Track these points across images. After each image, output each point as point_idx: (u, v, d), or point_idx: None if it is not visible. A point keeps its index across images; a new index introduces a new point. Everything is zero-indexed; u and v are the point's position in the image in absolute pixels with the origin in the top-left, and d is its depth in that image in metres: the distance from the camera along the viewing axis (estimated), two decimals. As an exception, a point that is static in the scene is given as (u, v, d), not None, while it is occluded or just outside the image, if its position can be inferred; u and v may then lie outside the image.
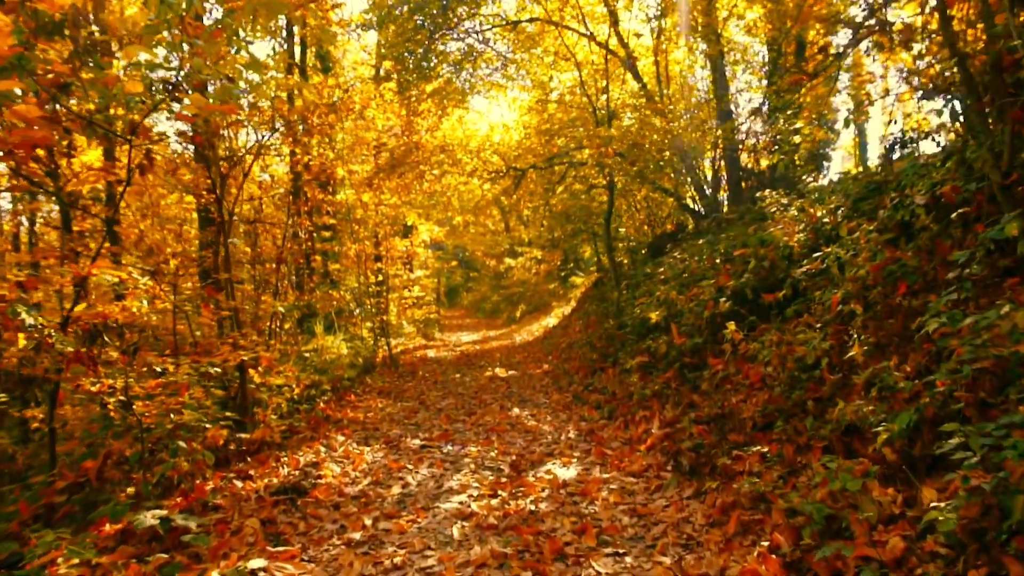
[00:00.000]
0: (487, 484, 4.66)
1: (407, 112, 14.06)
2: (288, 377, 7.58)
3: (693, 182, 13.40)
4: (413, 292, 19.23)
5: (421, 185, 15.49)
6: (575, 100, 14.01)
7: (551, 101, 15.20)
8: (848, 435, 3.59)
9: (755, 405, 4.37)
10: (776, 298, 5.10)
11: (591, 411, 6.91)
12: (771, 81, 12.26)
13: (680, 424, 4.98)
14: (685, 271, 7.44)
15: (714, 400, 5.00)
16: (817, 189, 7.24)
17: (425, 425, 6.97)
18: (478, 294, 33.21)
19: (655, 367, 6.48)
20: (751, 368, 4.88)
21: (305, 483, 4.59)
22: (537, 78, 16.87)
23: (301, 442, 5.95)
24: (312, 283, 13.08)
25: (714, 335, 5.68)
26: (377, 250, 17.48)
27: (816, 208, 5.59)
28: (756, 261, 5.42)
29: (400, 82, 14.69)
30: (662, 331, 6.86)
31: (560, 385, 9.05)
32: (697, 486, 4.10)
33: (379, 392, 9.22)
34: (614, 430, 5.88)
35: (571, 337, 13.13)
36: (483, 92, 18.75)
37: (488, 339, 19.06)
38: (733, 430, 4.39)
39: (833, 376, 3.96)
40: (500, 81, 17.56)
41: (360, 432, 6.56)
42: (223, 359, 4.92)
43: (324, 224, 14.78)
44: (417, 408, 8.04)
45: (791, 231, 5.61)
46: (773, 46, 12.38)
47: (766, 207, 9.21)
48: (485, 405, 8.09)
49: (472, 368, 12.02)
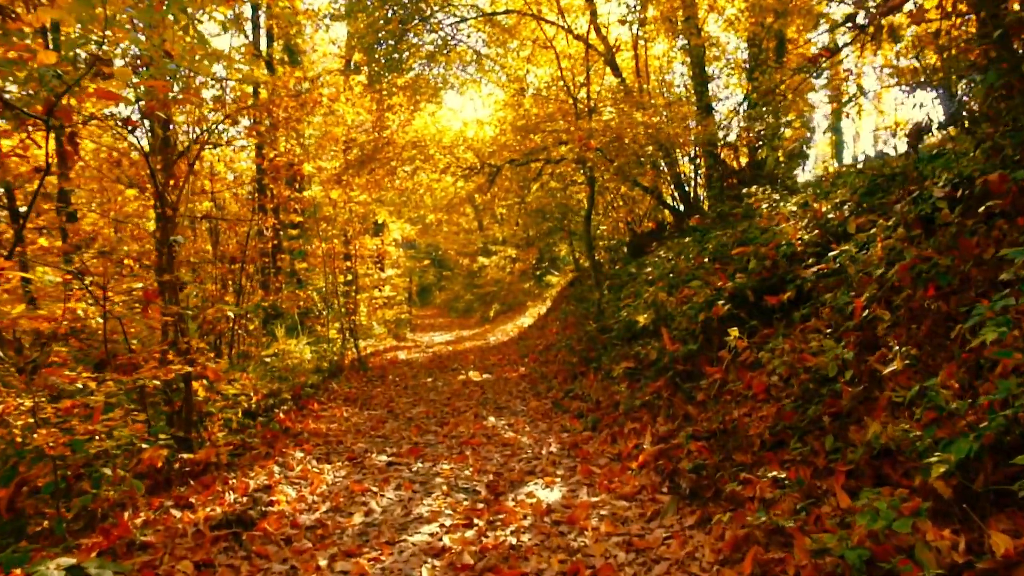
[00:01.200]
0: (461, 510, 4.13)
1: (378, 107, 13.45)
2: (245, 386, 6.98)
3: (673, 179, 13.02)
4: (384, 292, 18.63)
5: (393, 182, 14.89)
6: (553, 93, 13.52)
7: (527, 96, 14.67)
8: (877, 459, 3.14)
9: (763, 421, 3.91)
10: (780, 301, 4.65)
11: (573, 421, 6.41)
12: (751, 77, 11.94)
13: (676, 439, 4.50)
14: (672, 271, 6.99)
15: (713, 413, 4.53)
16: (814, 184, 6.84)
17: (393, 437, 6.40)
18: (451, 293, 32.62)
19: (642, 374, 6.01)
20: (754, 378, 4.42)
21: (253, 512, 4.00)
22: (513, 72, 16.37)
23: (254, 460, 5.35)
24: (278, 283, 12.42)
25: (709, 340, 5.21)
26: (347, 248, 16.85)
27: (821, 203, 5.16)
28: (757, 260, 4.96)
29: (370, 75, 14.08)
30: (650, 335, 6.39)
31: (538, 391, 8.54)
32: (701, 513, 3.62)
33: (345, 399, 8.62)
34: (600, 444, 5.38)
35: (548, 339, 12.64)
36: (456, 87, 18.23)
37: (461, 339, 18.50)
38: (738, 448, 3.92)
39: (853, 389, 3.50)
40: (474, 75, 17.07)
41: (321, 447, 5.97)
42: (156, 372, 4.31)
43: (291, 222, 14.15)
44: (385, 417, 7.47)
45: (793, 228, 5.16)
46: (754, 41, 12.08)
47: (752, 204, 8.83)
48: (459, 413, 7.55)
49: (445, 371, 11.47)
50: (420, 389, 9.56)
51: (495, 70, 16.75)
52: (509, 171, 14.88)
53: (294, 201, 13.03)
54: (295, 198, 12.77)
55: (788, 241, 4.98)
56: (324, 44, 19.24)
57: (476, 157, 14.08)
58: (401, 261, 21.61)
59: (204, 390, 4.79)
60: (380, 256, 19.24)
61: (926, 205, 4.08)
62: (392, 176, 14.56)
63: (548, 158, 13.42)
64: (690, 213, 12.56)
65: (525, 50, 15.56)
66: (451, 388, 9.46)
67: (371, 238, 18.89)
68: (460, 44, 15.30)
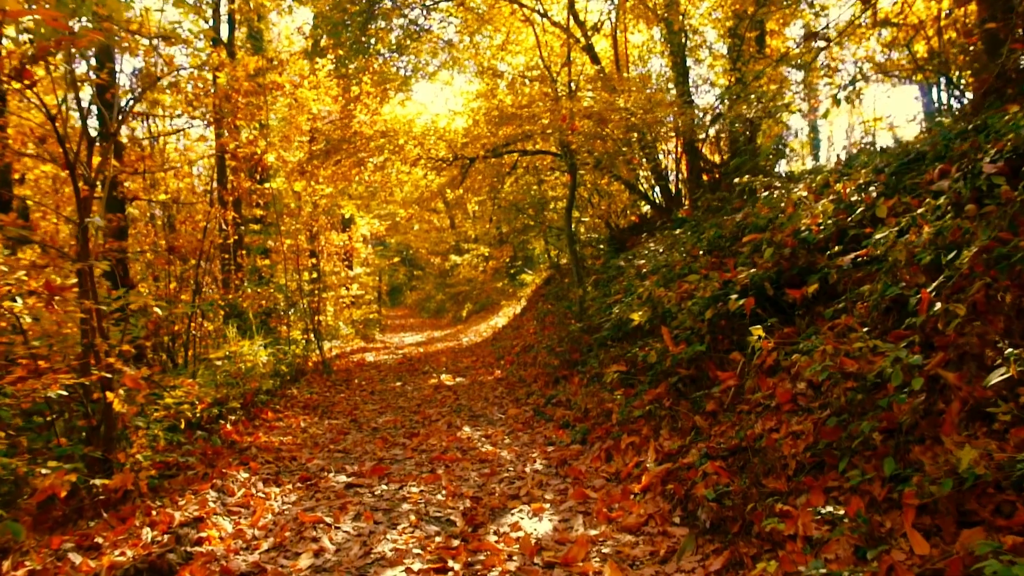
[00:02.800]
0: (433, 548, 3.40)
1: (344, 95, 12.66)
2: (189, 393, 6.17)
3: (653, 173, 12.45)
4: (352, 290, 17.79)
5: (361, 175, 14.09)
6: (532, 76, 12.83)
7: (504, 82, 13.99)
8: (955, 488, 2.49)
9: (798, 438, 3.24)
10: (804, 294, 4.00)
11: (558, 432, 5.72)
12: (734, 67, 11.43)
13: (686, 458, 3.82)
14: (665, 264, 6.33)
15: (729, 427, 3.87)
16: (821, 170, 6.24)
17: (355, 452, 5.64)
18: (422, 293, 31.81)
19: (637, 379, 5.33)
20: (777, 385, 3.77)
21: (174, 556, 3.22)
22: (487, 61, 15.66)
23: (189, 483, 4.55)
24: (238, 280, 11.54)
25: (717, 340, 4.55)
26: (312, 245, 16.03)
27: (844, 184, 4.53)
28: (774, 248, 4.32)
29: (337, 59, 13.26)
30: (645, 335, 5.72)
31: (517, 396, 7.83)
32: (729, 554, 2.94)
33: (304, 406, 7.82)
34: (593, 460, 4.69)
35: (525, 339, 11.95)
36: (427, 75, 17.48)
37: (433, 340, 17.72)
38: (769, 472, 3.26)
39: (913, 400, 2.86)
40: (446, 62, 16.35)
41: (271, 464, 5.19)
42: (55, 380, 3.50)
43: (253, 216, 13.29)
44: (347, 428, 6.70)
45: (813, 212, 4.53)
46: (736, 31, 11.60)
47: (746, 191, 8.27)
48: (430, 423, 6.81)
49: (415, 375, 10.70)
50: (388, 395, 8.79)
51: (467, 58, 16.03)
52: (482, 165, 14.18)
53: (256, 194, 12.20)
54: (256, 190, 11.94)
55: (807, 227, 4.34)
56: (289, 31, 18.37)
57: (448, 149, 13.30)
58: (370, 259, 20.74)
59: (121, 402, 3.98)
60: (348, 253, 18.39)
61: (980, 181, 3.47)
62: (360, 168, 13.74)
63: (524, 149, 12.74)
64: (671, 207, 12.03)
65: (500, 35, 14.87)
66: (422, 393, 8.71)
67: (338, 234, 18.02)
68: (431, 30, 14.56)
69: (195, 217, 10.73)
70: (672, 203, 12.33)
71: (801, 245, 4.32)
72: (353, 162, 13.29)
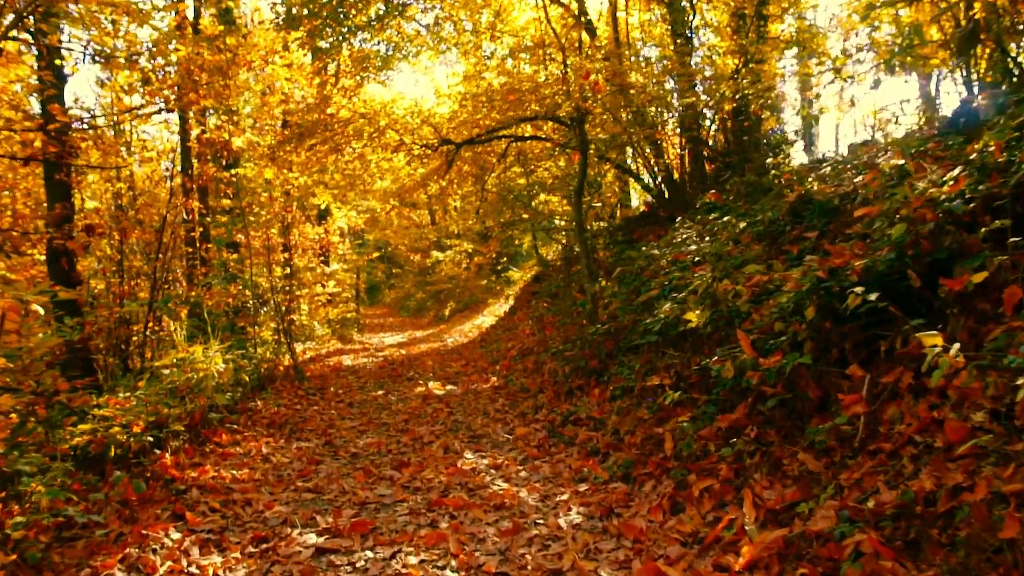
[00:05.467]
0: None
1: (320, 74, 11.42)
2: (118, 415, 4.90)
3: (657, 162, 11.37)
4: (328, 287, 16.46)
5: (339, 162, 12.82)
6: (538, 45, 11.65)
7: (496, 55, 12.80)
8: None
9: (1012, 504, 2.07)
10: (964, 285, 2.84)
11: (587, 461, 4.50)
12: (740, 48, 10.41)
13: (811, 521, 2.64)
14: (714, 253, 5.16)
15: (869, 475, 2.69)
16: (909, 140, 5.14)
17: (329, 491, 4.38)
18: (402, 291, 30.47)
19: (687, 395, 4.14)
20: (944, 416, 2.60)
21: None
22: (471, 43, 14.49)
23: (93, 551, 3.26)
24: (202, 275, 10.19)
25: (827, 350, 3.38)
26: (285, 238, 14.70)
27: (991, 140, 3.38)
28: (906, 225, 3.15)
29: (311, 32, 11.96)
30: (697, 339, 4.54)
31: (522, 411, 6.60)
32: None
33: (269, 423, 6.53)
34: (651, 510, 3.47)
35: (521, 341, 10.74)
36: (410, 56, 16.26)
37: (415, 340, 16.45)
38: (984, 562, 2.08)
39: None
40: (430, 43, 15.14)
41: (216, 516, 3.90)
42: None
43: (221, 208, 11.98)
44: (320, 454, 5.44)
45: (934, 182, 3.38)
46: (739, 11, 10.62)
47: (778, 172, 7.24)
48: (422, 446, 5.58)
49: (399, 381, 9.44)
50: (369, 407, 7.52)
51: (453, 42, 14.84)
52: (469, 153, 12.97)
53: (223, 183, 10.89)
54: (223, 178, 10.63)
55: (947, 196, 3.18)
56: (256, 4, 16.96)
57: (435, 134, 11.99)
58: (348, 255, 19.34)
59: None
60: (324, 248, 17.06)
61: None
62: (338, 155, 12.44)
63: (516, 135, 11.51)
64: (675, 197, 11.04)
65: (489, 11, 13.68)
66: (408, 406, 7.45)
67: (313, 227, 16.67)
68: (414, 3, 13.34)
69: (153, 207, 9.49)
70: (677, 192, 11.31)
71: (946, 219, 3.15)
72: (329, 148, 11.98)
